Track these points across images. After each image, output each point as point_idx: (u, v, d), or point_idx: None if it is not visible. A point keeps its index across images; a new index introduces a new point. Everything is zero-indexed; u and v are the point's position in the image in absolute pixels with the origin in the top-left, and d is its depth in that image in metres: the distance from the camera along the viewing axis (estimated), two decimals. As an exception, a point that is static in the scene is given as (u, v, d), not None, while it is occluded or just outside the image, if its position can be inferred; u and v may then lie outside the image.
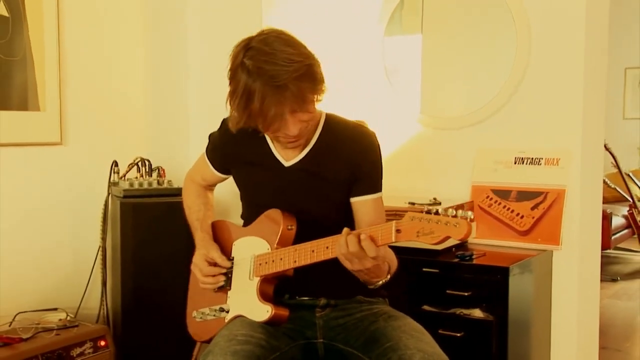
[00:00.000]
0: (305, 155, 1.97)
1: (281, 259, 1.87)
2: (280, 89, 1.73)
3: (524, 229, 2.91)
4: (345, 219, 1.98)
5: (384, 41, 3.32)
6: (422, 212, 1.63)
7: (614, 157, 5.81)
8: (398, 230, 1.67)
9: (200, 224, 2.12)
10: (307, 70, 1.77)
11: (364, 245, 1.71)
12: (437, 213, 1.61)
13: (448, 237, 1.58)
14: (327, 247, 1.78)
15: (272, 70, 1.73)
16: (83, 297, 3.01)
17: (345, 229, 1.76)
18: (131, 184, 2.90)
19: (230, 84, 1.82)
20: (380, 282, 1.87)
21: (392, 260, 1.92)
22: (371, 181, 1.99)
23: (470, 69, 3.21)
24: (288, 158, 1.98)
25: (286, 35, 1.81)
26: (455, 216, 1.57)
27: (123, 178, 3.02)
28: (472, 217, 1.57)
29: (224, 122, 2.08)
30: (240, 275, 1.98)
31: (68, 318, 2.77)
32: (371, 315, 1.95)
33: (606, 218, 5.41)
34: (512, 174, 2.98)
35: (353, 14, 3.36)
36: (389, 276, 1.88)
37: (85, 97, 3.08)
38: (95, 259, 3.05)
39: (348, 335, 1.93)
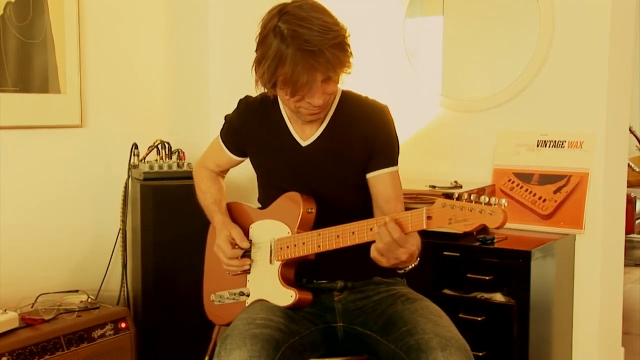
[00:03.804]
0: (322, 132, 1.96)
1: (303, 243, 1.85)
2: (315, 55, 1.71)
3: (546, 213, 2.88)
4: (362, 200, 1.97)
5: (405, 23, 3.28)
6: (453, 198, 1.61)
7: (639, 140, 5.73)
8: (429, 217, 1.64)
9: (217, 206, 2.10)
10: (342, 41, 1.77)
11: (389, 228, 1.68)
12: (468, 200, 1.59)
13: (483, 225, 1.57)
14: (354, 233, 1.75)
15: (307, 34, 1.71)
16: (104, 279, 3.03)
17: (380, 219, 1.71)
18: (151, 167, 2.90)
19: (258, 49, 1.80)
20: (410, 267, 1.84)
21: (419, 243, 1.88)
22: (386, 155, 1.97)
23: (492, 51, 3.17)
24: (305, 137, 1.97)
25: (321, 6, 1.81)
26: (488, 203, 1.55)
27: (143, 161, 3.02)
28: (506, 204, 1.55)
29: (241, 102, 2.07)
30: (259, 258, 1.96)
31: (89, 300, 2.78)
32: (389, 297, 1.93)
33: (630, 202, 5.33)
34: (534, 157, 2.94)
35: (374, -5, 3.33)
36: (417, 259, 1.84)
37: (105, 80, 3.07)
38: (116, 241, 3.07)
39: (367, 319, 1.92)
